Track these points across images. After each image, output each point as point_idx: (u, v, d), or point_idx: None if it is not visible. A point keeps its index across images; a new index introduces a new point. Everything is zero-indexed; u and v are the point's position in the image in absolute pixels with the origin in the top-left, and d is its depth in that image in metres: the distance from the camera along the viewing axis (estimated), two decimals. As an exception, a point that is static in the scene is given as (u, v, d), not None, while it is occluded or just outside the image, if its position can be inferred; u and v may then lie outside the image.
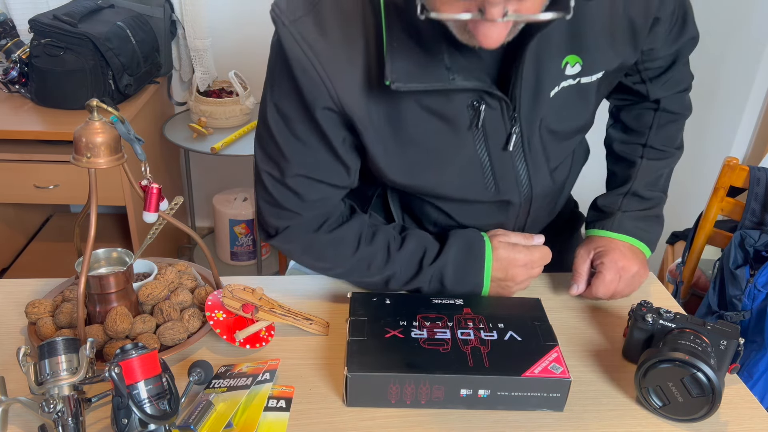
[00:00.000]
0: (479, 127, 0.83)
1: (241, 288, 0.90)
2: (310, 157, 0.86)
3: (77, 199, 1.94)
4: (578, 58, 0.82)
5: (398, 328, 0.84)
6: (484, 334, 0.84)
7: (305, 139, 0.84)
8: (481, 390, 0.78)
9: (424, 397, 0.78)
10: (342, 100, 0.79)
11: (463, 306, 0.90)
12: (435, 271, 0.94)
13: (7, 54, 2.05)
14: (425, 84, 0.75)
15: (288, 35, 0.77)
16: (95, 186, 0.78)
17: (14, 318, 0.93)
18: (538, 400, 0.79)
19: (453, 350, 0.81)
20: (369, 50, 0.77)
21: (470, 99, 0.81)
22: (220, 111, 2.22)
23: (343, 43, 0.76)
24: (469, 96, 0.81)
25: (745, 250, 1.45)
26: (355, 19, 0.76)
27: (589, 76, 0.84)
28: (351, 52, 0.77)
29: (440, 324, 0.85)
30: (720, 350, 0.81)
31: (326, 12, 0.76)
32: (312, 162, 0.86)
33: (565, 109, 0.87)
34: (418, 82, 0.74)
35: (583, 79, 0.84)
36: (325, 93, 0.79)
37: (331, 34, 0.76)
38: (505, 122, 0.84)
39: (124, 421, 0.68)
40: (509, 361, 0.79)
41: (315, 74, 0.77)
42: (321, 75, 0.77)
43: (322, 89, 0.78)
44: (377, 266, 0.94)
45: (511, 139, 0.86)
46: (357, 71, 0.78)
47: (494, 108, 0.82)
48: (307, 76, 0.78)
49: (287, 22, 0.77)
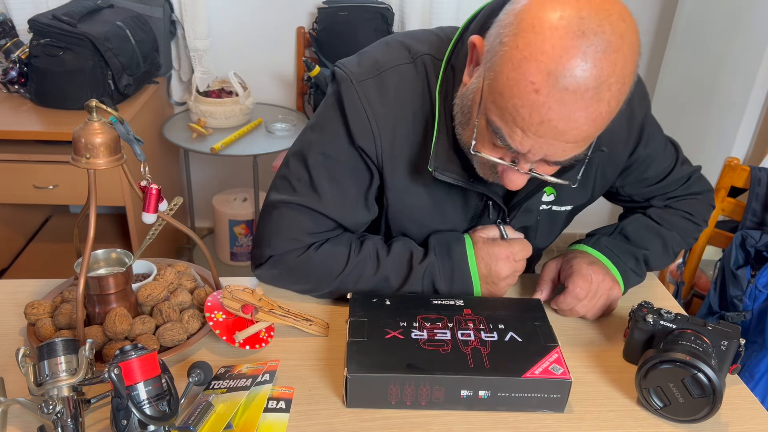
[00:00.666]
0: (481, 217, 1.00)
1: (240, 289, 0.90)
2: (340, 196, 0.94)
3: (76, 200, 1.94)
4: (553, 190, 1.00)
5: (398, 329, 0.84)
6: (485, 334, 0.84)
7: (341, 180, 0.93)
8: (481, 391, 0.78)
9: (424, 398, 0.78)
10: (384, 152, 0.91)
11: (464, 307, 0.90)
12: (425, 271, 0.94)
13: (6, 54, 2.04)
14: (455, 180, 0.91)
15: (353, 92, 0.89)
16: (94, 186, 0.78)
17: (13, 319, 0.93)
18: (538, 401, 0.78)
19: (453, 351, 0.80)
20: (416, 131, 0.91)
21: (482, 197, 0.97)
22: (220, 111, 2.22)
23: (396, 111, 0.90)
24: (481, 196, 0.97)
25: (746, 251, 1.45)
26: (411, 98, 0.90)
27: (559, 206, 1.03)
28: (402, 119, 0.90)
29: (440, 325, 0.85)
30: (721, 351, 0.81)
31: (389, 81, 0.90)
32: (340, 202, 0.94)
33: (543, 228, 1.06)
34: (449, 176, 0.90)
35: (554, 207, 1.03)
36: (371, 142, 0.90)
37: (387, 99, 0.89)
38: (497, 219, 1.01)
39: (123, 422, 0.68)
40: (510, 362, 0.79)
41: (368, 124, 0.89)
42: (372, 127, 0.89)
43: (370, 137, 0.90)
44: (369, 274, 0.95)
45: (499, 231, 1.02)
46: (403, 133, 0.91)
47: (496, 209, 0.99)
48: (361, 123, 0.89)
49: (355, 82, 0.89)
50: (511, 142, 0.76)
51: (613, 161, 1.01)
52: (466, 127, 0.83)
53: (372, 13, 2.23)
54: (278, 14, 2.35)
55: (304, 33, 2.37)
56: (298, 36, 2.37)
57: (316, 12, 2.29)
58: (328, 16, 2.25)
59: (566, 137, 0.73)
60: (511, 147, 0.76)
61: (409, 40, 0.94)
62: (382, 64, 0.91)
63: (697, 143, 2.11)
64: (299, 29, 2.36)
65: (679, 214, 1.11)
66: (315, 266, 0.95)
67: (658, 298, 1.05)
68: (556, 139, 0.73)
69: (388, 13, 2.25)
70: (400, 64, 0.91)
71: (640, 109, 0.99)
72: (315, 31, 2.31)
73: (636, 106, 0.98)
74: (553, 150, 0.75)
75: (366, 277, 0.95)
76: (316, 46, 2.30)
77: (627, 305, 1.01)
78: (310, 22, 2.37)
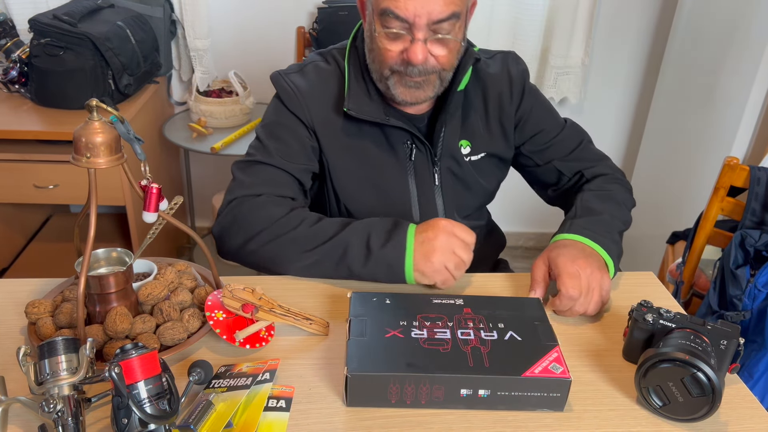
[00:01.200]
0: (411, 159, 1.17)
1: (241, 288, 0.90)
2: (284, 149, 1.13)
3: (77, 199, 1.94)
4: (468, 142, 1.20)
5: (398, 327, 0.84)
6: (484, 334, 0.84)
7: (282, 136, 1.14)
8: (481, 390, 0.78)
9: (424, 397, 0.78)
10: (314, 119, 1.14)
11: (463, 306, 0.90)
12: (363, 227, 1.01)
13: (6, 54, 2.05)
14: (370, 117, 1.11)
15: (282, 81, 1.16)
16: (95, 186, 0.78)
17: (14, 318, 0.93)
18: (538, 400, 0.79)
19: (453, 350, 0.80)
20: (335, 95, 1.15)
21: (404, 139, 1.16)
22: (220, 111, 2.22)
23: (318, 87, 1.15)
24: (403, 136, 1.16)
25: (746, 250, 1.45)
26: (328, 77, 1.16)
27: (476, 155, 1.21)
28: (322, 94, 1.15)
29: (440, 324, 0.85)
30: (720, 350, 0.81)
31: (309, 71, 1.17)
32: (285, 152, 1.13)
33: (473, 177, 1.22)
34: (366, 115, 1.11)
35: (473, 157, 1.21)
36: (300, 109, 1.14)
37: (309, 82, 1.16)
38: (428, 164, 1.18)
39: (124, 420, 0.68)
40: (509, 361, 0.79)
41: (295, 97, 1.14)
42: (299, 98, 1.14)
43: (299, 105, 1.14)
44: (307, 224, 1.02)
45: (435, 178, 1.19)
46: (325, 104, 1.15)
47: (422, 151, 1.17)
48: (290, 98, 1.14)
49: (283, 74, 1.17)
50: (398, 10, 0.98)
51: (505, 112, 1.20)
52: (372, 48, 1.07)
53: (372, 12, 2.24)
54: (278, 14, 2.35)
55: (304, 33, 2.37)
56: (298, 36, 2.37)
57: (316, 12, 2.29)
58: (328, 15, 2.25)
59: None
60: (399, 16, 0.98)
61: (326, 48, 1.22)
62: (303, 64, 1.19)
63: (697, 143, 2.11)
64: (299, 29, 2.36)
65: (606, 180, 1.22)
66: (260, 209, 1.05)
67: (658, 298, 1.05)
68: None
69: (388, 13, 2.26)
70: (315, 61, 1.19)
71: (517, 70, 1.21)
72: (315, 31, 2.31)
73: (512, 67, 1.20)
74: (431, 5, 0.97)
75: (303, 227, 1.02)
76: (316, 45, 2.30)
77: (627, 305, 1.01)
78: (310, 21, 2.37)
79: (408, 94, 1.07)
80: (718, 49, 2.00)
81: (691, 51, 2.19)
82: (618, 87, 2.58)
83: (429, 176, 1.19)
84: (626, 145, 2.72)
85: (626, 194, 1.21)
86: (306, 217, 1.04)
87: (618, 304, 1.01)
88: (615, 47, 2.49)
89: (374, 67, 1.09)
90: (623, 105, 2.63)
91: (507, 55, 1.23)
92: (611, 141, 2.70)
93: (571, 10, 2.30)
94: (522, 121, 1.22)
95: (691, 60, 2.18)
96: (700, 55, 2.12)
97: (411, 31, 1.00)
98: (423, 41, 1.01)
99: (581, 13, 2.31)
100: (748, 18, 1.85)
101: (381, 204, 1.19)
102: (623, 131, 2.69)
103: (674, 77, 2.31)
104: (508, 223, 2.06)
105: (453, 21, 1.01)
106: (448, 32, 1.01)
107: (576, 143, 1.25)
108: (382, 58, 1.06)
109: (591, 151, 1.27)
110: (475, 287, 1.05)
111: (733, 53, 1.92)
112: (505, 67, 1.20)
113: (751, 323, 1.39)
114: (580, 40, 2.37)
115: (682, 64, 2.25)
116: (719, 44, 1.99)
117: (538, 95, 1.25)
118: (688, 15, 2.23)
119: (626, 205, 1.18)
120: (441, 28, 1.00)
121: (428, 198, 1.20)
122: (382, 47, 1.04)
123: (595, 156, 1.26)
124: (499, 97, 1.19)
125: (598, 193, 1.17)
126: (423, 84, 1.06)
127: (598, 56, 2.50)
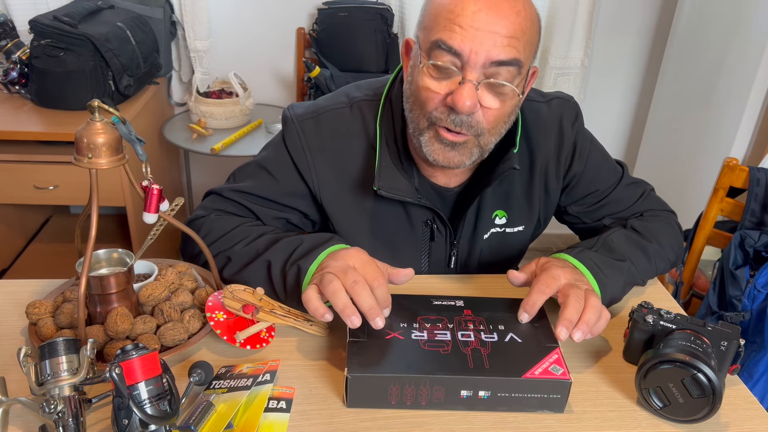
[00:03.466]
0: (431, 240, 1.07)
1: (241, 289, 0.90)
2: (271, 189, 1.04)
3: (77, 200, 1.94)
4: (505, 213, 1.08)
5: (398, 329, 0.84)
6: (485, 335, 0.84)
7: (275, 177, 1.03)
8: (481, 391, 0.78)
9: (424, 398, 0.78)
10: (320, 183, 1.02)
11: (464, 308, 0.90)
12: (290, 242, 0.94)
13: (7, 55, 2.05)
14: (401, 196, 0.99)
15: (293, 129, 1.02)
16: (96, 186, 0.78)
17: (15, 319, 0.93)
18: (538, 402, 0.79)
19: (453, 352, 0.81)
20: (356, 161, 1.02)
21: (426, 218, 1.05)
22: (220, 111, 2.22)
23: (334, 147, 1.01)
24: (426, 215, 1.05)
25: (745, 251, 1.45)
26: (349, 136, 1.02)
27: (512, 228, 1.10)
28: (338, 156, 1.02)
29: (440, 326, 0.85)
30: (720, 351, 0.81)
31: (326, 121, 1.02)
32: (270, 192, 1.04)
33: (497, 250, 1.11)
34: (397, 193, 0.99)
35: (507, 229, 1.10)
36: (307, 168, 1.02)
37: (323, 137, 1.01)
38: (446, 246, 1.08)
39: (124, 421, 0.68)
40: (509, 362, 0.79)
41: (303, 154, 1.01)
42: (308, 156, 1.01)
43: (306, 165, 1.01)
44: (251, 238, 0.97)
45: (451, 261, 1.10)
46: (339, 170, 1.02)
47: (441, 233, 1.07)
48: (298, 152, 1.01)
49: (296, 121, 1.02)
50: (453, 42, 0.84)
51: (550, 178, 1.07)
52: (412, 93, 0.93)
53: (372, 13, 2.24)
54: (278, 15, 2.35)
55: (304, 34, 2.37)
56: (298, 37, 2.38)
57: (316, 13, 2.30)
58: (328, 16, 2.25)
59: (498, 27, 0.83)
60: (453, 48, 0.84)
61: (352, 88, 1.06)
62: (322, 108, 1.03)
63: (697, 143, 2.11)
64: (299, 30, 2.37)
65: (659, 220, 1.10)
66: (216, 224, 1.01)
67: (658, 299, 1.05)
68: (490, 30, 0.83)
69: (388, 14, 2.26)
70: (337, 107, 1.03)
71: (571, 127, 1.06)
72: (315, 32, 2.31)
73: (566, 123, 1.06)
74: (491, 44, 0.83)
75: (246, 240, 0.97)
76: (316, 46, 2.31)
77: (627, 306, 1.01)
78: (310, 22, 2.37)
79: (441, 154, 0.92)
80: (718, 49, 2.00)
81: (691, 51, 2.19)
82: (618, 88, 2.59)
83: (444, 259, 1.10)
84: (626, 146, 2.72)
85: (672, 238, 1.08)
86: (249, 234, 0.97)
87: (618, 306, 1.01)
88: (615, 47, 2.49)
89: (412, 117, 0.94)
90: (623, 106, 2.63)
91: (564, 105, 1.06)
92: (611, 142, 2.70)
93: (571, 10, 2.31)
94: (573, 183, 1.09)
95: (691, 60, 2.18)
96: (700, 55, 2.12)
97: (462, 69, 0.85)
98: (475, 84, 0.85)
99: (581, 14, 2.31)
100: (748, 18, 1.85)
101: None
102: (623, 132, 2.69)
103: (674, 78, 2.31)
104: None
105: (514, 68, 0.86)
106: (507, 79, 0.86)
107: (634, 199, 1.11)
108: (423, 103, 0.90)
109: (656, 200, 1.14)
110: (475, 289, 1.05)
111: (733, 53, 1.92)
112: (557, 125, 1.05)
113: (750, 324, 1.39)
114: (579, 41, 2.37)
115: (682, 64, 2.25)
116: (719, 44, 1.99)
117: (592, 154, 1.09)
118: (688, 15, 2.23)
119: (660, 253, 1.04)
120: (498, 73, 0.85)
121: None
122: (424, 87, 0.88)
123: (659, 206, 1.12)
124: (546, 166, 1.05)
125: (631, 234, 1.03)
126: (459, 146, 0.91)
127: (598, 57, 2.50)
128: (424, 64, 0.88)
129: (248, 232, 0.99)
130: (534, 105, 1.06)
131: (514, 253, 1.15)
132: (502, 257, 1.13)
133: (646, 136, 2.53)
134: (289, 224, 1.07)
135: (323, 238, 0.93)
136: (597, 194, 1.11)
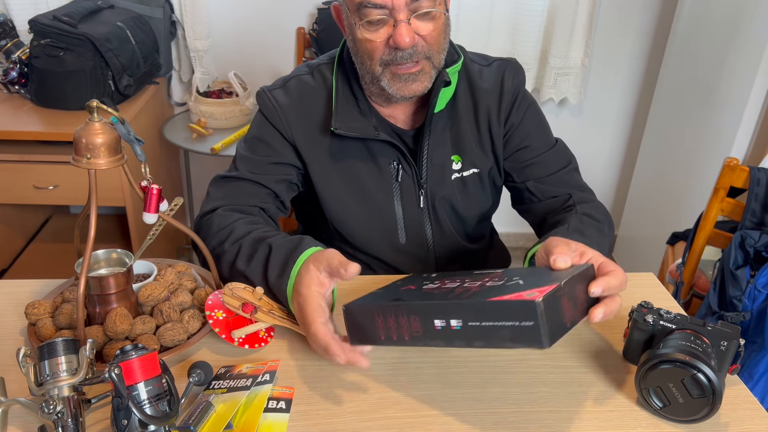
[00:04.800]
0: (398, 180, 1.14)
1: (241, 287, 0.90)
2: (252, 159, 1.12)
3: (76, 200, 1.94)
4: (459, 157, 1.16)
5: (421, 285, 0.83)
6: (491, 282, 0.76)
7: (255, 146, 1.14)
8: (453, 320, 0.70)
9: (405, 330, 0.75)
10: (295, 136, 1.12)
11: (497, 270, 0.82)
12: (271, 248, 0.93)
13: (6, 55, 2.05)
14: (358, 133, 1.09)
15: (265, 97, 1.14)
16: (95, 187, 0.78)
17: (14, 319, 0.93)
18: (512, 332, 0.66)
19: (442, 290, 0.77)
20: (319, 112, 1.13)
21: (391, 159, 1.13)
22: (220, 111, 2.22)
23: (301, 104, 1.13)
24: (391, 156, 1.13)
25: (746, 251, 1.45)
26: (312, 93, 1.13)
27: (467, 171, 1.17)
28: (306, 111, 1.13)
29: (457, 279, 0.81)
30: (720, 351, 0.81)
31: (292, 87, 1.14)
32: (253, 163, 1.12)
33: (463, 196, 1.18)
34: (354, 131, 1.09)
35: (465, 173, 1.17)
36: (285, 127, 1.12)
37: (292, 98, 1.13)
38: (414, 185, 1.15)
39: (123, 422, 0.68)
40: (491, 292, 0.70)
41: (276, 113, 1.12)
42: (280, 114, 1.12)
43: (280, 121, 1.12)
44: (234, 237, 0.99)
45: (420, 200, 1.16)
46: (308, 122, 1.12)
47: (408, 172, 1.14)
48: (272, 113, 1.13)
49: (266, 90, 1.14)
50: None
51: (493, 123, 1.15)
52: (357, 50, 1.04)
53: (372, 13, 2.24)
54: (278, 15, 2.35)
55: (304, 33, 2.37)
56: (298, 36, 2.37)
57: (316, 12, 2.29)
58: (327, 16, 2.25)
59: None
60: (377, 4, 0.95)
61: (312, 61, 1.19)
62: (287, 78, 1.16)
63: (697, 143, 2.11)
64: (299, 30, 2.37)
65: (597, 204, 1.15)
66: (214, 223, 1.04)
67: (658, 299, 1.05)
68: None
69: (388, 14, 2.26)
70: (300, 74, 1.15)
71: (512, 80, 1.16)
72: (315, 32, 2.31)
73: (507, 76, 1.15)
74: None
75: (231, 239, 0.98)
76: (316, 46, 2.31)
77: (627, 305, 1.01)
78: (310, 22, 2.37)
79: (405, 88, 1.03)
80: (718, 49, 2.00)
81: (691, 51, 2.19)
82: (618, 88, 2.59)
83: (414, 199, 1.15)
84: (626, 146, 2.72)
85: (611, 231, 1.14)
86: (230, 233, 0.99)
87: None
88: (615, 48, 2.49)
89: (365, 70, 1.05)
90: (623, 106, 2.63)
91: (505, 64, 1.17)
92: (611, 142, 2.70)
93: (571, 10, 2.31)
94: (508, 135, 1.17)
95: (691, 60, 2.18)
96: (700, 56, 2.12)
97: (392, 14, 0.97)
98: (407, 21, 0.97)
99: (581, 14, 2.31)
100: (748, 18, 1.85)
101: (368, 226, 1.17)
102: (623, 132, 2.69)
103: (674, 78, 2.31)
104: (508, 223, 2.06)
105: None
106: (429, 6, 0.98)
107: (560, 166, 1.17)
108: (370, 54, 1.01)
109: (575, 178, 1.19)
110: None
111: (733, 53, 1.92)
112: (500, 78, 1.15)
113: (750, 324, 1.39)
114: (579, 41, 2.37)
115: (682, 64, 2.25)
116: (719, 44, 1.99)
117: (530, 109, 1.18)
118: (688, 15, 2.23)
119: (609, 233, 1.12)
120: (420, 6, 0.97)
121: (415, 221, 1.17)
122: (365, 40, 1.00)
123: (579, 185, 1.18)
124: (488, 110, 1.14)
125: (587, 219, 1.08)
126: (418, 75, 1.02)
127: (598, 57, 2.50)
128: (358, 23, 1.00)
129: (231, 246, 0.98)
130: (476, 66, 1.17)
131: (485, 201, 1.22)
132: (471, 205, 1.20)
133: (646, 136, 2.52)
134: (292, 184, 1.15)
135: (289, 256, 0.91)
136: (528, 150, 1.17)
